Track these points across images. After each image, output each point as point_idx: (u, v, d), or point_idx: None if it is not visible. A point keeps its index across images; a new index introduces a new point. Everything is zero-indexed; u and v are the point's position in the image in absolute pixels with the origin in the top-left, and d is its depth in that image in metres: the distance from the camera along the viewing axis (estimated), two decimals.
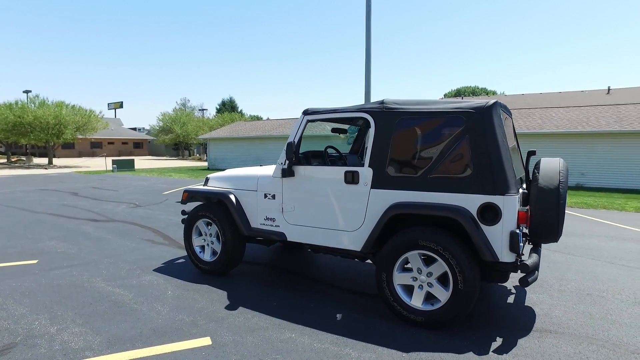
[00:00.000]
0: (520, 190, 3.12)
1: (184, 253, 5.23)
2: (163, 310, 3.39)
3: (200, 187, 4.65)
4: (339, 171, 3.57)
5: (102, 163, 28.94)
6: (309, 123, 3.87)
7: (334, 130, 4.91)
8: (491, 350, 2.79)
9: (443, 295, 3.04)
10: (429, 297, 3.15)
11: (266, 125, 28.24)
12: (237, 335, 2.96)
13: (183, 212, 4.84)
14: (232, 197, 4.19)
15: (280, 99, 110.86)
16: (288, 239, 3.90)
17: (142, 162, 33.06)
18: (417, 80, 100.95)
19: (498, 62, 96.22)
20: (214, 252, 4.40)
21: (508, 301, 3.71)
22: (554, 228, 3.07)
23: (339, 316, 3.35)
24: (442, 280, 3.10)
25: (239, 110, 55.05)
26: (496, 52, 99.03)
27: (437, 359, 2.67)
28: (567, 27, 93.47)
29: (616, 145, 14.11)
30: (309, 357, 2.67)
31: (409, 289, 3.23)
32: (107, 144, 48.17)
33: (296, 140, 3.78)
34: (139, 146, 52.71)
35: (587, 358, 2.70)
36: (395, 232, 3.38)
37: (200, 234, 4.53)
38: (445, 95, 51.30)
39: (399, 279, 3.22)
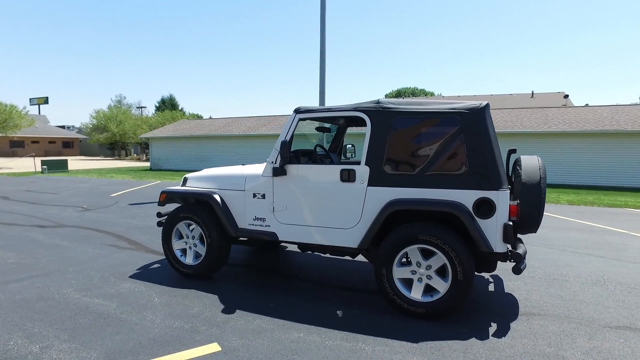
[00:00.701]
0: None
1: (156, 257, 4.95)
2: (156, 319, 3.19)
3: (179, 187, 4.43)
4: (334, 169, 3.60)
5: (27, 164, 26.21)
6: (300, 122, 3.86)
7: (318, 128, 4.93)
8: (490, 335, 2.99)
9: (442, 286, 3.20)
10: (428, 289, 3.30)
11: (213, 124, 27.39)
12: (245, 339, 2.88)
13: (159, 215, 4.57)
14: (218, 198, 4.05)
15: (221, 99, 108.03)
16: (280, 239, 3.85)
17: (75, 162, 30.46)
18: (360, 81, 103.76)
19: (436, 65, 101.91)
20: (197, 255, 4.22)
21: (490, 289, 3.99)
22: (536, 220, 3.37)
23: (339, 313, 3.38)
24: (440, 272, 3.26)
25: (180, 108, 52.76)
26: (434, 55, 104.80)
27: (445, 346, 2.81)
28: (501, 35, 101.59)
29: (543, 144, 15.80)
30: (326, 355, 2.67)
31: (407, 283, 3.36)
32: (30, 143, 43.72)
33: (288, 139, 3.75)
34: (69, 145, 48.51)
35: (571, 335, 3.00)
36: (389, 228, 3.48)
37: (180, 237, 4.32)
38: (386, 96, 53.39)
39: (399, 273, 3.33)
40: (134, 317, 3.23)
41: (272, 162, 3.83)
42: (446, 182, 3.23)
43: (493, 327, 3.12)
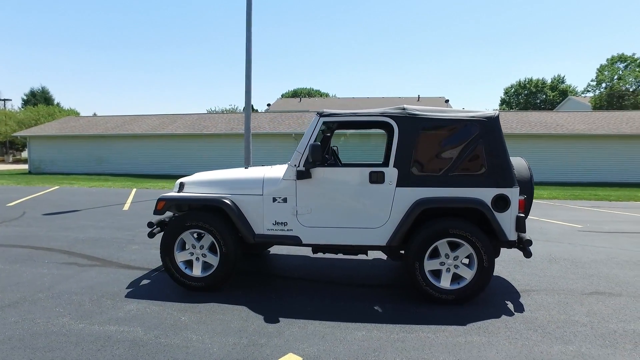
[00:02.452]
0: None
1: (137, 272, 4.43)
2: (204, 339, 2.92)
3: (180, 194, 4.05)
4: (363, 172, 3.73)
5: None
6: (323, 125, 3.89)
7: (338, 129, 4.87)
8: (514, 310, 3.49)
9: (468, 274, 3.60)
10: (455, 278, 3.67)
11: (109, 122, 24.52)
12: (317, 345, 2.85)
13: (150, 224, 4.12)
14: (232, 203, 3.84)
15: (109, 97, 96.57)
16: (303, 242, 3.83)
17: None
18: (257, 82, 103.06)
19: (331, 67, 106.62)
20: (206, 266, 3.93)
21: None
22: (528, 212, 4.00)
23: (378, 309, 3.54)
24: (465, 261, 3.65)
25: (56, 103, 45.70)
26: (329, 57, 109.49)
27: (489, 325, 3.19)
28: (392, 40, 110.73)
29: None
30: (403, 347, 2.81)
31: (435, 274, 3.68)
32: None
33: (315, 142, 3.75)
34: None
35: (566, 303, 3.68)
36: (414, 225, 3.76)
37: (184, 248, 3.96)
38: (282, 96, 54.36)
39: (429, 265, 3.64)
40: (176, 340, 2.90)
41: (296, 165, 3.79)
42: (468, 181, 3.63)
43: (510, 304, 3.63)
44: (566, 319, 3.33)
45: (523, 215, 3.64)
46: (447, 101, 40.15)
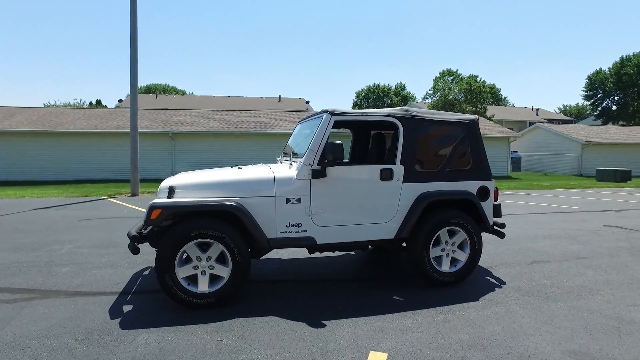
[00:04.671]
0: None
1: (98, 300, 3.64)
2: (275, 357, 2.65)
3: (182, 199, 3.48)
4: (374, 169, 3.88)
5: None
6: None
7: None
8: (499, 283, 4.15)
9: (463, 256, 4.12)
10: (452, 262, 4.13)
11: None
12: (386, 340, 2.89)
13: (134, 238, 3.47)
14: (244, 207, 3.52)
15: None
16: (317, 242, 3.77)
17: None
18: (113, 77, 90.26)
19: (188, 64, 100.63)
20: (214, 279, 3.50)
21: None
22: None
23: (397, 298, 3.74)
24: (460, 246, 4.15)
25: None
26: (186, 55, 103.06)
27: (494, 297, 3.74)
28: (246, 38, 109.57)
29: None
30: (461, 324, 3.09)
31: (437, 260, 4.09)
32: None
33: (327, 141, 3.73)
34: None
35: (525, 272, 4.54)
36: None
37: (186, 262, 3.45)
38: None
39: (433, 252, 4.02)
40: None
41: (310, 164, 3.70)
42: (459, 176, 4.15)
43: (492, 279, 4.30)
44: (535, 283, 4.14)
45: (499, 203, 4.34)
46: (307, 102, 41.83)
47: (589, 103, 50.71)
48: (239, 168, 4.08)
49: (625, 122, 45.48)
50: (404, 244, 4.20)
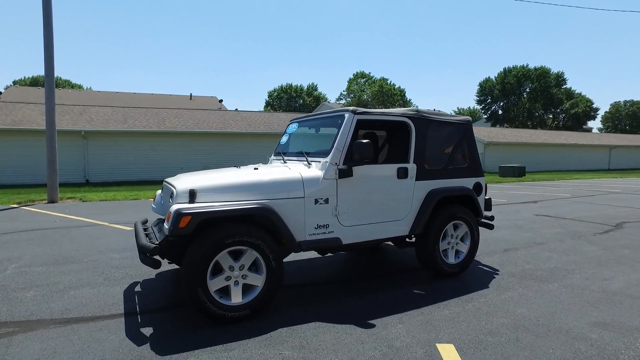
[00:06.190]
0: None
1: (97, 326, 3.14)
2: None
3: (213, 204, 3.14)
4: (392, 168, 3.97)
5: None
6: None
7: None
8: (497, 270, 4.54)
9: (465, 248, 4.43)
10: (456, 253, 4.41)
11: None
12: (442, 331, 2.98)
13: (154, 250, 3.06)
14: (276, 210, 3.33)
15: None
16: (343, 243, 3.73)
17: None
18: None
19: (84, 57, 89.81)
20: (248, 289, 3.25)
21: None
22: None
23: (418, 292, 3.88)
24: (461, 238, 4.45)
25: None
26: (81, 47, 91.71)
27: (500, 283, 4.09)
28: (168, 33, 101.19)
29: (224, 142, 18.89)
30: (493, 310, 3.32)
31: (444, 252, 4.33)
32: None
33: (352, 140, 3.70)
34: None
35: (508, 259, 5.04)
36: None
37: (217, 272, 3.14)
38: (15, 83, 44.57)
39: (442, 246, 4.25)
40: None
41: (336, 163, 3.64)
42: (459, 173, 4.45)
43: (486, 268, 4.69)
44: (521, 269, 4.64)
45: (489, 197, 4.76)
46: (221, 101, 40.03)
47: (480, 107, 57.72)
48: (255, 168, 3.84)
49: (508, 125, 52.80)
50: (409, 240, 4.34)
